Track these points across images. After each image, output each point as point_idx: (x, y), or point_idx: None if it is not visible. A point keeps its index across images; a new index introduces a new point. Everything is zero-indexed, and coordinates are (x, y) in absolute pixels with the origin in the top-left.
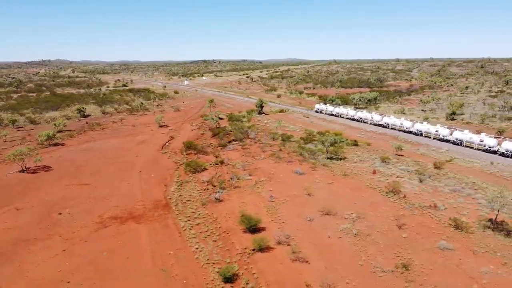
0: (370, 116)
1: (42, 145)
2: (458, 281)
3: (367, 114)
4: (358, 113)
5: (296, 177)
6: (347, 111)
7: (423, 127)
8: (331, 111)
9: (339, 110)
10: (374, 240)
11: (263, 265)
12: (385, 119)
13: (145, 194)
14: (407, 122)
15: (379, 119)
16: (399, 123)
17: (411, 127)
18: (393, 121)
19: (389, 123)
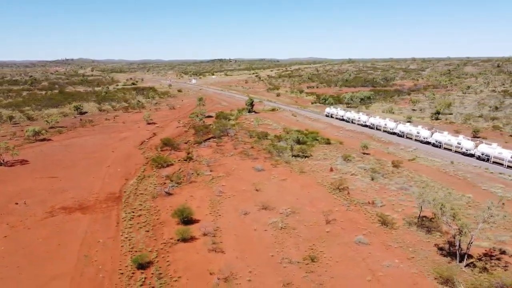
0: (358, 116)
1: (29, 140)
2: (356, 273)
3: (355, 114)
4: (362, 116)
5: (253, 174)
6: (359, 116)
7: (405, 129)
8: (341, 116)
9: (350, 115)
10: (297, 233)
11: (180, 254)
12: (370, 120)
13: (103, 187)
14: (391, 123)
15: (365, 120)
16: (383, 124)
17: (394, 128)
18: (378, 122)
19: (375, 123)
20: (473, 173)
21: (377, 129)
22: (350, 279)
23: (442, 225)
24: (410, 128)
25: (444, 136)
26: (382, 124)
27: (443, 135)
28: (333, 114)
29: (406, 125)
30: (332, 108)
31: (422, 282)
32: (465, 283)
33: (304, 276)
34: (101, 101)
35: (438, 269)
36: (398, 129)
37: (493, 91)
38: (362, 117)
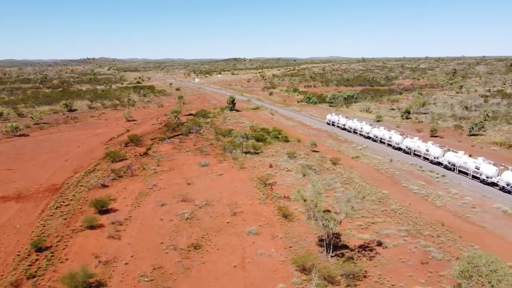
0: (360, 126)
1: (7, 135)
2: (228, 259)
3: (357, 124)
4: (365, 126)
5: (196, 169)
6: (361, 126)
7: (379, 133)
8: (343, 125)
9: (352, 124)
10: (199, 223)
11: (79, 240)
12: (348, 123)
13: (49, 179)
14: (366, 127)
15: (344, 123)
16: (359, 127)
17: (370, 131)
18: (355, 125)
19: (352, 127)
20: (404, 171)
21: (354, 133)
22: (219, 265)
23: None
24: (383, 133)
25: (414, 142)
26: (358, 127)
27: (413, 140)
28: (335, 122)
29: (380, 129)
30: (333, 115)
31: (282, 269)
32: (321, 271)
33: (178, 261)
34: (95, 99)
35: (295, 258)
36: (373, 133)
37: (488, 91)
38: (341, 120)
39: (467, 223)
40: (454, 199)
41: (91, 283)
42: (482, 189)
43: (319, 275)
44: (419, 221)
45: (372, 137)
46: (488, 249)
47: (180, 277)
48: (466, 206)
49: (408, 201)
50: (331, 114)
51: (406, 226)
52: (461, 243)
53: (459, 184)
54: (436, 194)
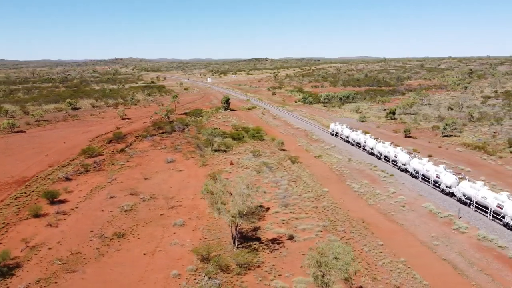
0: (364, 139)
1: (4, 132)
2: (143, 248)
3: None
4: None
5: (161, 165)
6: (365, 139)
7: (356, 137)
8: (346, 136)
9: (355, 137)
10: (135, 215)
11: (20, 227)
12: (332, 126)
13: (22, 172)
14: (346, 130)
15: (347, 134)
16: (340, 131)
17: (349, 135)
18: (339, 130)
19: (338, 132)
20: (356, 170)
21: (340, 138)
22: (131, 253)
23: (261, 212)
24: (359, 137)
25: (385, 147)
26: (339, 131)
27: (384, 145)
28: (338, 132)
29: (357, 133)
30: (337, 124)
31: (187, 258)
32: (217, 260)
33: (96, 248)
34: (101, 98)
35: (196, 248)
36: (351, 137)
37: (495, 91)
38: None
39: (388, 220)
40: (389, 198)
41: (10, 264)
42: (420, 188)
43: (215, 264)
44: (341, 218)
45: (351, 142)
46: (392, 245)
47: (91, 261)
48: (397, 204)
49: (344, 198)
50: (335, 123)
51: (326, 222)
52: (369, 239)
53: (402, 183)
54: (374, 192)
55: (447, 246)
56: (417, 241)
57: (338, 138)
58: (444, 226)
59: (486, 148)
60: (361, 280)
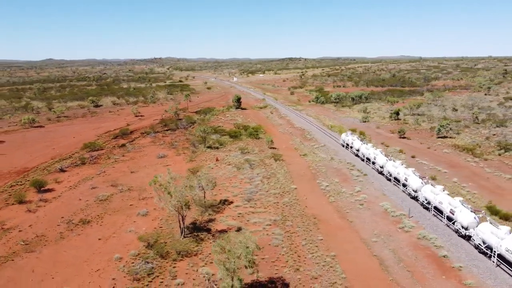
0: (374, 155)
1: (24, 127)
2: (100, 234)
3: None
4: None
5: (152, 160)
6: (375, 154)
7: (365, 151)
8: (356, 150)
9: (365, 151)
10: (107, 204)
11: (5, 212)
12: (342, 137)
13: (26, 163)
14: (357, 142)
15: (358, 147)
16: (351, 142)
17: (359, 148)
18: (349, 141)
19: (348, 143)
20: (334, 169)
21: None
22: (89, 237)
23: (223, 206)
24: (356, 143)
25: (368, 149)
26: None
27: (394, 164)
28: (349, 143)
29: (355, 140)
30: (348, 134)
31: (135, 244)
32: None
33: (60, 232)
34: (124, 95)
35: (141, 236)
36: (350, 144)
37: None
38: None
39: (339, 218)
40: (351, 196)
41: None
42: (386, 188)
43: (156, 250)
44: (296, 214)
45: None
46: (330, 240)
47: (50, 244)
48: (356, 202)
49: (308, 195)
50: (346, 134)
51: (278, 217)
52: (312, 234)
53: (371, 183)
54: (339, 190)
55: (385, 244)
56: (357, 237)
57: (349, 150)
58: (392, 224)
59: (474, 150)
60: (283, 271)
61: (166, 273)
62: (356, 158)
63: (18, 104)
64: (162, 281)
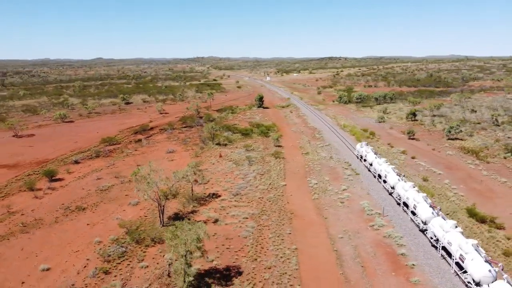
0: (365, 152)
1: (57, 122)
2: (90, 220)
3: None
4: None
5: (160, 154)
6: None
7: (377, 167)
8: (370, 163)
9: (378, 166)
10: (106, 194)
11: (16, 197)
12: (357, 147)
13: (48, 155)
14: (370, 156)
15: (371, 161)
16: (365, 155)
17: (372, 163)
18: (363, 152)
19: (362, 155)
20: (329, 167)
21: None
22: (80, 222)
23: (210, 199)
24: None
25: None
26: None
27: (404, 186)
28: (363, 155)
29: (363, 147)
30: (363, 145)
31: (117, 230)
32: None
33: (56, 217)
34: (154, 94)
35: (121, 222)
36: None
37: None
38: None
39: (316, 214)
40: (335, 194)
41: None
42: (373, 187)
43: (132, 237)
44: (275, 209)
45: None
46: (297, 235)
47: (44, 227)
48: (338, 200)
49: (294, 192)
50: (361, 144)
51: (257, 211)
52: (283, 228)
53: (360, 182)
54: (325, 188)
55: (349, 240)
56: (325, 233)
57: (363, 163)
58: (364, 222)
59: (479, 152)
60: (242, 260)
61: (135, 257)
62: (353, 157)
63: (57, 101)
64: (129, 264)
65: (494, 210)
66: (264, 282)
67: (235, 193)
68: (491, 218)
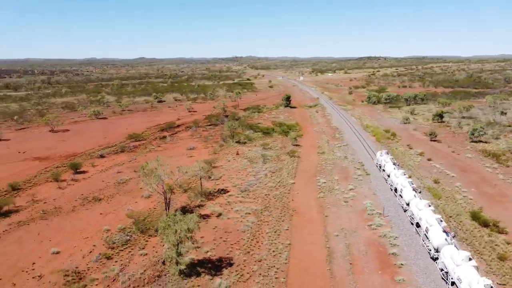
0: (384, 162)
1: (91, 118)
2: (104, 209)
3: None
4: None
5: (181, 151)
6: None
7: (394, 179)
8: (388, 174)
9: (394, 178)
10: (122, 187)
11: (40, 187)
12: (377, 156)
13: (77, 149)
14: (389, 166)
15: (389, 172)
16: (383, 164)
17: (390, 174)
18: (382, 162)
19: (381, 164)
20: (342, 167)
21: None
22: (93, 212)
23: (218, 194)
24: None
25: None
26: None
27: (419, 205)
28: (382, 165)
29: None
30: (383, 154)
31: (126, 220)
32: (143, 224)
33: (74, 206)
34: (187, 92)
35: (129, 213)
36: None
37: None
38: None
39: (317, 212)
40: (341, 193)
41: (11, 209)
42: (380, 188)
43: (137, 227)
44: (278, 206)
45: None
46: (294, 231)
47: (62, 215)
48: (342, 200)
49: (301, 190)
50: (381, 152)
51: (260, 207)
52: (282, 224)
53: (369, 182)
54: (333, 187)
55: (344, 238)
56: (322, 231)
57: (381, 174)
58: (363, 221)
59: (501, 156)
60: (235, 253)
61: (138, 245)
62: (368, 158)
63: (94, 98)
64: (131, 251)
65: (502, 214)
66: (252, 273)
67: (243, 189)
68: (494, 222)
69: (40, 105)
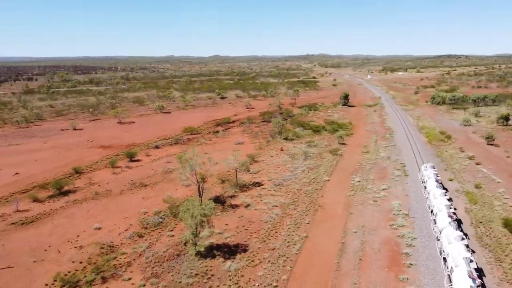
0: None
1: (155, 112)
2: (144, 194)
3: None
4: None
5: (229, 145)
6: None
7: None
8: (428, 193)
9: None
10: (167, 175)
11: (98, 172)
12: (422, 169)
13: (137, 139)
14: (431, 183)
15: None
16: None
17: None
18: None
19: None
20: (381, 167)
21: None
22: (138, 195)
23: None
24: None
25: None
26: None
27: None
28: (424, 180)
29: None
30: (428, 168)
31: (162, 205)
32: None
33: (122, 189)
34: (249, 89)
35: (165, 198)
36: None
37: None
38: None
39: (343, 209)
40: (372, 193)
41: (71, 189)
42: (415, 189)
43: (171, 211)
44: (306, 200)
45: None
46: (314, 225)
47: (111, 196)
48: (371, 199)
49: (333, 187)
50: (425, 166)
51: (288, 201)
52: (304, 218)
53: (405, 183)
54: (364, 186)
55: (362, 235)
56: (341, 227)
57: (423, 190)
58: (386, 221)
59: None
60: (252, 241)
61: (167, 227)
62: (412, 159)
63: (162, 93)
64: (160, 232)
65: None
66: (262, 260)
67: (277, 184)
68: None
69: (114, 99)
